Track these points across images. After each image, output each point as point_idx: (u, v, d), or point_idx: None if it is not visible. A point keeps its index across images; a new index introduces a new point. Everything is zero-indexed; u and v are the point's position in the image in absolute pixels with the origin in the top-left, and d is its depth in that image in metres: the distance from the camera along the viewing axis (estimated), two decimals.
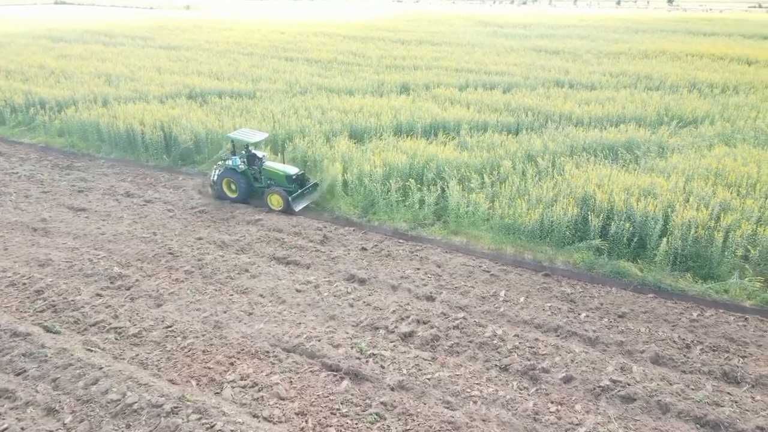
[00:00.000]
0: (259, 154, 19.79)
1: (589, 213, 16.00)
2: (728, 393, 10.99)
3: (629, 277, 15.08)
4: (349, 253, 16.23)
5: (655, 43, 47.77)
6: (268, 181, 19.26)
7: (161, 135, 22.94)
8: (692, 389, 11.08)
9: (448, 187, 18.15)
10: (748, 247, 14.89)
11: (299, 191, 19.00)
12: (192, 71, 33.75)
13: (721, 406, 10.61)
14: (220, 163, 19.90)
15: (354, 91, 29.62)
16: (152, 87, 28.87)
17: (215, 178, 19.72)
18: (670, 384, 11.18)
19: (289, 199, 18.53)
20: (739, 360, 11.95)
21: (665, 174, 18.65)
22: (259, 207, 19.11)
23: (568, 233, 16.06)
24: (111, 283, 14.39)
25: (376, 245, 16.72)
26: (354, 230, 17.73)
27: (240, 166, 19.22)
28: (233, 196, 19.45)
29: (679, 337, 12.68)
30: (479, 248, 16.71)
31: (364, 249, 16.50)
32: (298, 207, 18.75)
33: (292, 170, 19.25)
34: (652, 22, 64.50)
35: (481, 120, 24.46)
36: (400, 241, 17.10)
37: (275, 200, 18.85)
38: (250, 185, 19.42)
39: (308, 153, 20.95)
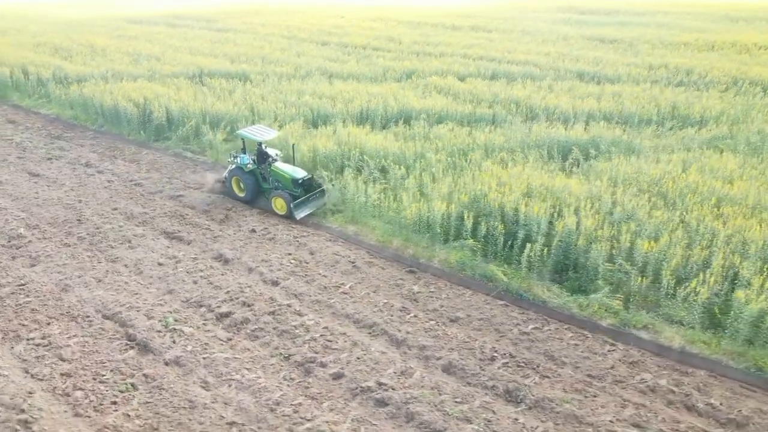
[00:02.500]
0: (272, 152, 18.83)
1: (464, 211, 15.26)
2: (492, 411, 10.31)
3: (496, 281, 14.30)
4: (236, 234, 16.73)
5: (734, 33, 43.13)
6: (276, 183, 18.18)
7: (141, 111, 24.58)
8: (457, 402, 10.51)
9: (354, 176, 18.04)
10: (623, 261, 13.56)
11: (305, 196, 17.77)
12: (219, 53, 35.47)
13: (470, 423, 10.01)
14: (230, 160, 19.04)
15: (353, 77, 29.76)
16: (166, 66, 30.82)
17: (227, 174, 19.12)
18: (439, 394, 10.67)
19: (291, 205, 17.38)
20: (536, 379, 11.11)
21: (594, 177, 17.26)
22: (188, 184, 20.02)
23: (440, 231, 15.46)
24: (8, 241, 15.98)
25: (266, 228, 17.07)
26: (259, 213, 18.15)
27: (248, 165, 18.40)
28: (241, 195, 18.72)
29: (492, 348, 11.97)
30: (368, 239, 16.52)
31: (253, 231, 16.92)
32: (300, 215, 17.44)
33: (300, 173, 17.95)
34: (758, 11, 57.96)
35: (452, 111, 23.73)
36: (293, 226, 17.30)
37: (279, 204, 17.79)
38: (257, 185, 18.52)
39: None
